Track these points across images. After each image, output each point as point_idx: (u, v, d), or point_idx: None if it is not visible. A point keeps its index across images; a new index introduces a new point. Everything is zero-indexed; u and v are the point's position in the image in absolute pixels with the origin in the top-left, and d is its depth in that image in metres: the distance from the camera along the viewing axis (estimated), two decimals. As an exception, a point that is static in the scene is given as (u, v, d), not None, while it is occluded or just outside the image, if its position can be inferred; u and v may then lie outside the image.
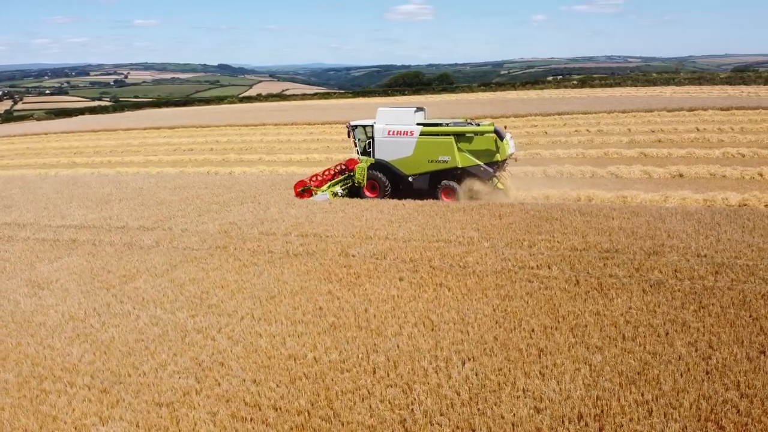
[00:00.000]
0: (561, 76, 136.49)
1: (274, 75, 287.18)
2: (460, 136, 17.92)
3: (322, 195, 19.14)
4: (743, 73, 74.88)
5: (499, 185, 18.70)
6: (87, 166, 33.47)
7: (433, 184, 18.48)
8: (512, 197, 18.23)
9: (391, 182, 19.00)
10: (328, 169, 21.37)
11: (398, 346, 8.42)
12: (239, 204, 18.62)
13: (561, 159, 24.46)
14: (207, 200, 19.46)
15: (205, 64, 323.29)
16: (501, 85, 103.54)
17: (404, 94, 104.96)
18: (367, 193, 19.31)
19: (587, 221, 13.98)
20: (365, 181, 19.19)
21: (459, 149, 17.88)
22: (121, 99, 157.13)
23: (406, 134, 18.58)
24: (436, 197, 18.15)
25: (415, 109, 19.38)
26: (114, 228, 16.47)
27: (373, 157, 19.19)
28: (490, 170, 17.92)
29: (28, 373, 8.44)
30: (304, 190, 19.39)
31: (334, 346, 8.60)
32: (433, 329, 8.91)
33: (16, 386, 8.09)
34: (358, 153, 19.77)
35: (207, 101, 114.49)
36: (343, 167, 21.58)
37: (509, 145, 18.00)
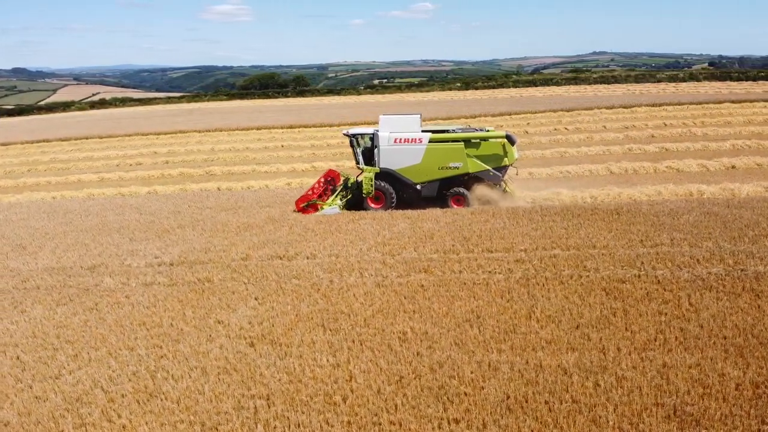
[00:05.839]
0: (386, 80, 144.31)
1: (79, 78, 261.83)
2: (467, 142, 17.94)
3: (331, 209, 18.29)
4: (612, 72, 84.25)
5: (507, 189, 18.98)
6: (29, 189, 27.66)
7: (441, 191, 18.34)
8: (518, 200, 18.49)
9: (396, 191, 18.48)
10: (315, 184, 20.20)
11: None
12: (348, 222, 16.56)
13: (598, 157, 25.21)
14: (298, 221, 17.04)
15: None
16: (386, 88, 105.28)
17: (287, 96, 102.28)
18: (372, 204, 18.58)
19: (765, 214, 14.46)
20: (373, 191, 18.42)
21: (467, 155, 17.92)
22: None
23: (415, 141, 18.15)
24: (445, 205, 18.01)
25: (419, 115, 19.00)
26: (235, 260, 13.69)
27: (378, 166, 18.48)
28: (499, 175, 18.20)
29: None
30: (308, 204, 18.41)
31: None
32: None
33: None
34: (359, 163, 18.93)
35: (50, 109, 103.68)
36: (328, 178, 20.39)
37: (515, 150, 18.31)
